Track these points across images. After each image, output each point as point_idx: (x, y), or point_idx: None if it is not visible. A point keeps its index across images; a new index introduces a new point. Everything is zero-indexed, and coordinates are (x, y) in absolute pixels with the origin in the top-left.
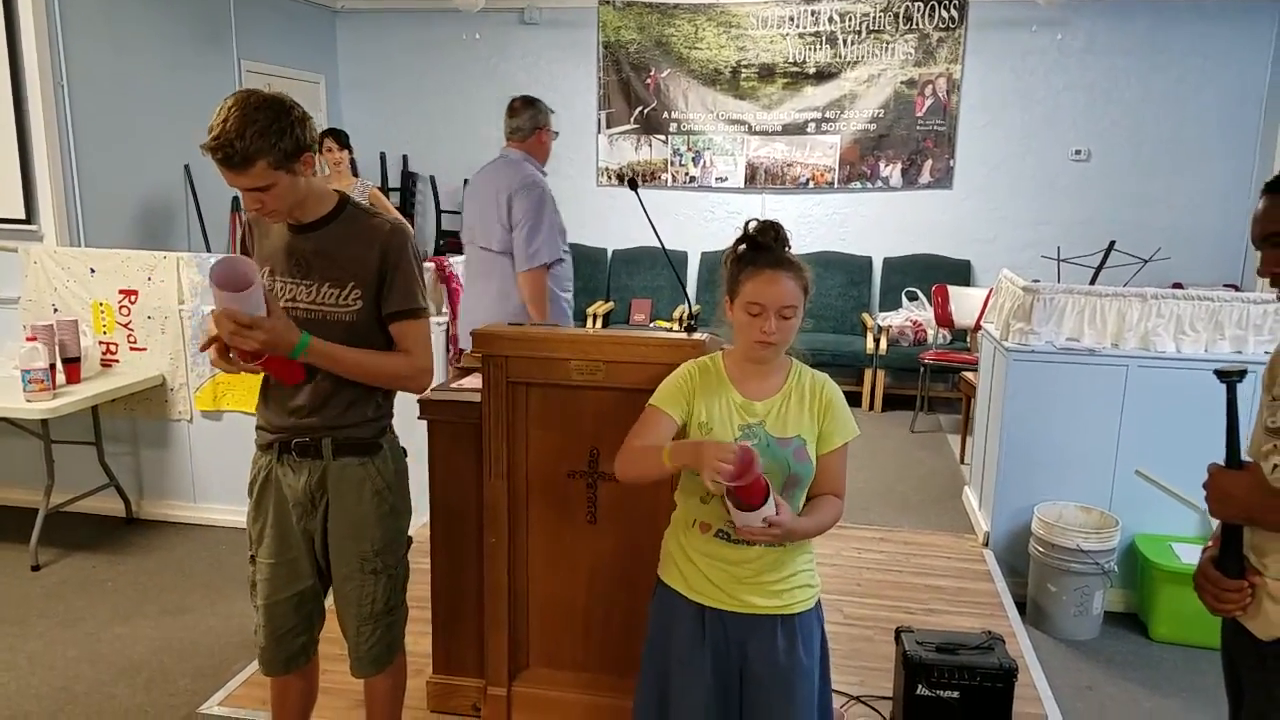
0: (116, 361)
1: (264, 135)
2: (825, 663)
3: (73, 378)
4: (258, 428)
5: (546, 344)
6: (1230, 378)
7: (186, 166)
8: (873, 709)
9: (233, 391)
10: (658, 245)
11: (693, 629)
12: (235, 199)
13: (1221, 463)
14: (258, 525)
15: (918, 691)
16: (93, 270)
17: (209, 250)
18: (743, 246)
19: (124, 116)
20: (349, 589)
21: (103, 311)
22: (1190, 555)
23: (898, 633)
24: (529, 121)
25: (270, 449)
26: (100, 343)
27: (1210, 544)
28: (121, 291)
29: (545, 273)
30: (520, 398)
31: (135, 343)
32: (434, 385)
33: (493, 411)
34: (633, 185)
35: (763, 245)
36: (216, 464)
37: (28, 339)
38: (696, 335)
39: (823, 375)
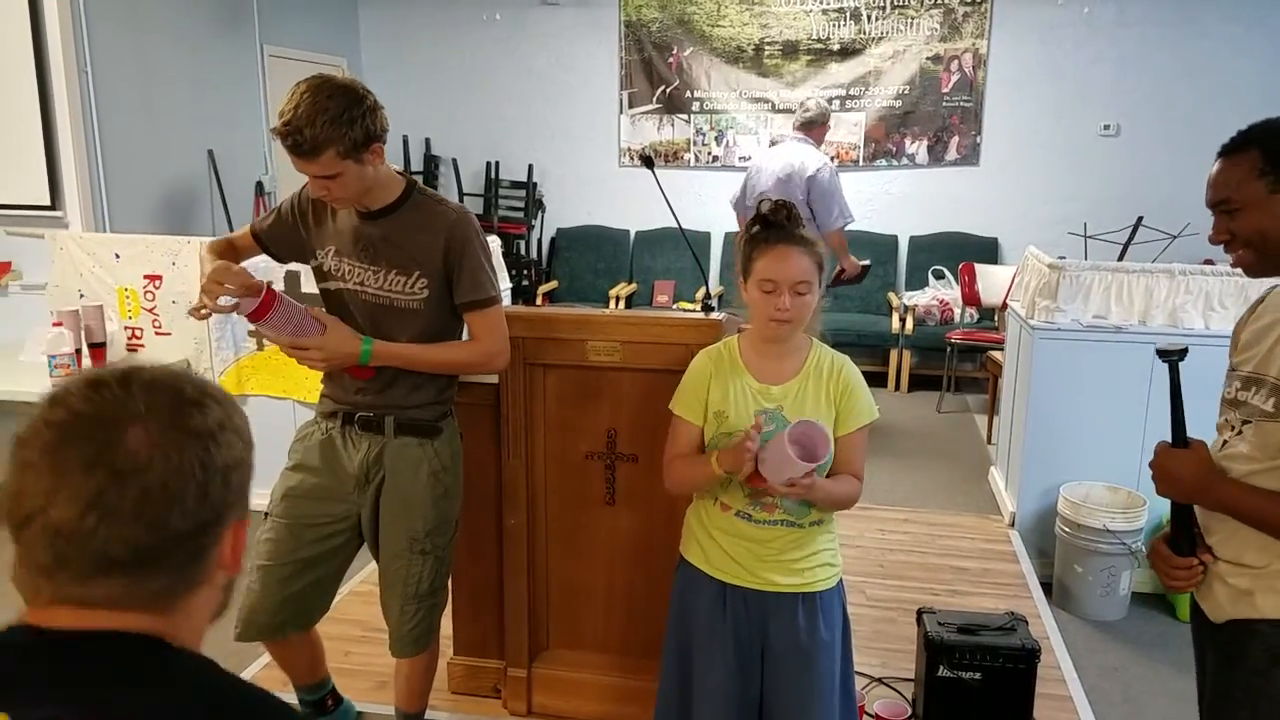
0: (142, 346)
1: (334, 124)
2: (847, 642)
3: (98, 363)
4: (322, 396)
5: (563, 325)
6: (1171, 356)
7: (210, 151)
8: (895, 690)
9: (257, 375)
10: (679, 226)
11: (714, 606)
12: (259, 183)
13: (1169, 441)
14: (287, 484)
15: (939, 673)
16: (118, 255)
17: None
18: (756, 227)
19: (148, 102)
20: (396, 567)
21: (128, 297)
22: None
23: (919, 614)
24: (819, 116)
25: (334, 417)
26: (125, 328)
27: (1168, 523)
28: (146, 277)
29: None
30: (538, 379)
31: (160, 327)
32: None
33: (511, 393)
34: (649, 164)
35: (775, 224)
36: None
37: (54, 324)
38: (714, 315)
39: (842, 357)
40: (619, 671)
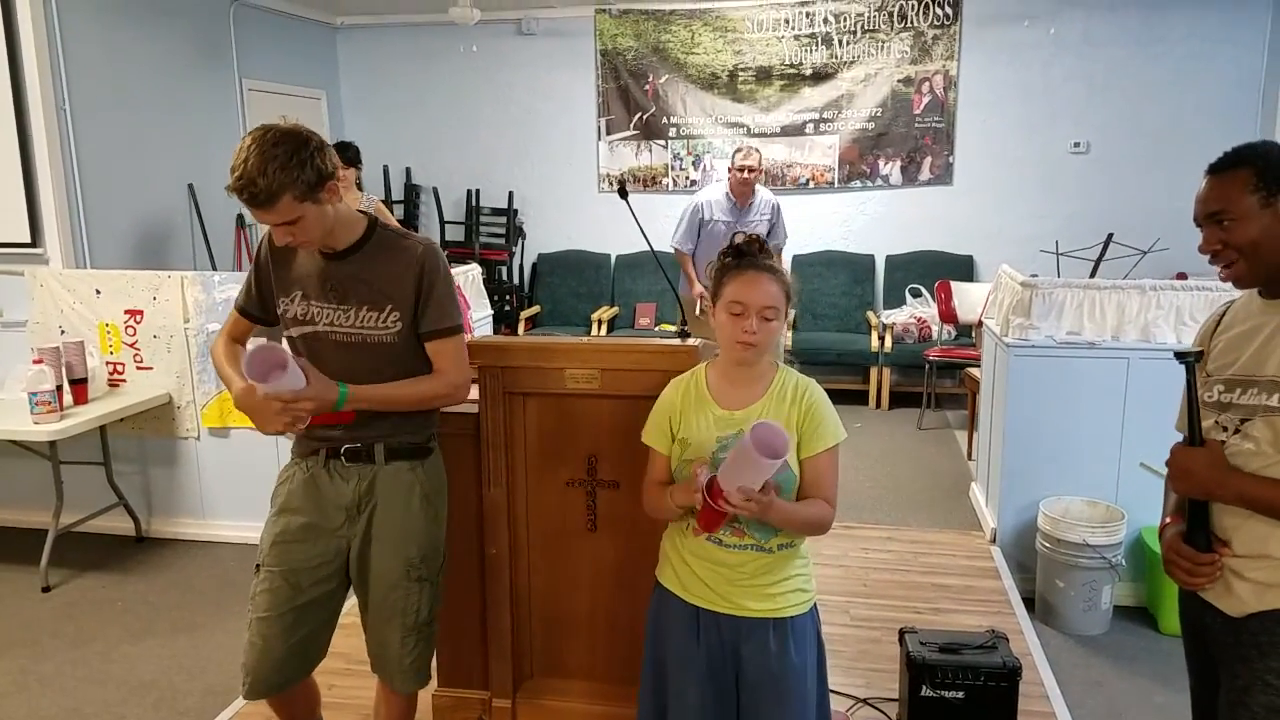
0: (123, 381)
1: (285, 169)
2: (822, 666)
3: (80, 399)
4: (299, 437)
5: (543, 354)
6: (1188, 358)
7: (190, 185)
8: (879, 710)
9: None
10: (659, 250)
11: (688, 630)
12: (240, 216)
13: (1183, 443)
14: (274, 530)
15: (922, 693)
16: (98, 291)
17: (214, 268)
18: (729, 256)
19: (127, 137)
20: (394, 598)
21: (109, 332)
22: None
23: (901, 634)
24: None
25: (315, 455)
26: (107, 363)
27: (1168, 520)
28: (127, 312)
29: None
30: (518, 408)
31: (141, 362)
32: None
33: (491, 422)
34: (622, 194)
35: (747, 254)
36: (224, 481)
37: (34, 361)
38: (690, 341)
39: (808, 380)
40: (603, 699)
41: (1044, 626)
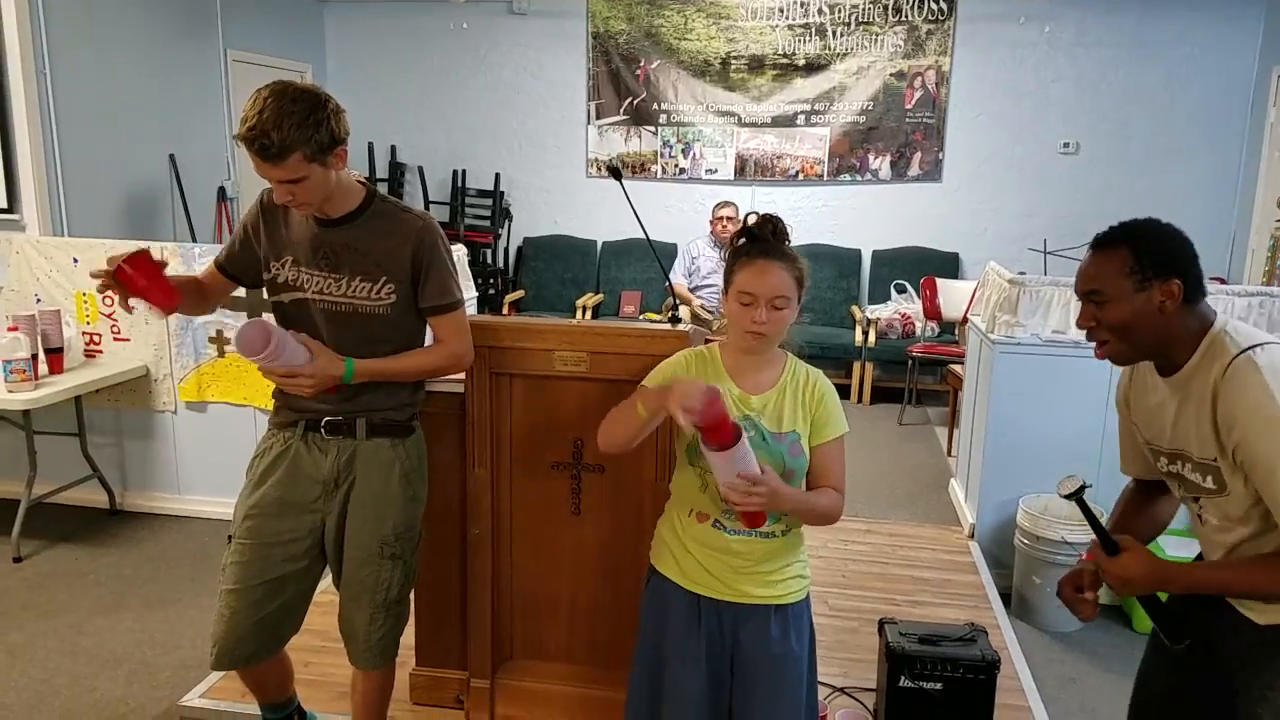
0: (100, 352)
1: (301, 127)
2: (813, 653)
3: (55, 368)
4: (278, 407)
5: (530, 335)
6: (1073, 496)
7: (171, 156)
8: (857, 700)
9: (218, 382)
10: (647, 238)
11: (688, 619)
12: (221, 189)
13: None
14: (249, 502)
15: (901, 683)
16: (76, 260)
17: (194, 240)
18: (741, 240)
19: (108, 106)
20: (365, 575)
21: (86, 302)
22: (1173, 547)
23: (881, 624)
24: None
25: (294, 426)
26: (84, 333)
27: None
28: None
29: None
30: (505, 388)
31: (119, 333)
32: None
33: (476, 403)
34: (616, 174)
35: (759, 238)
36: (200, 455)
37: (9, 329)
38: (681, 327)
39: (816, 371)
40: (583, 682)
41: (1019, 622)
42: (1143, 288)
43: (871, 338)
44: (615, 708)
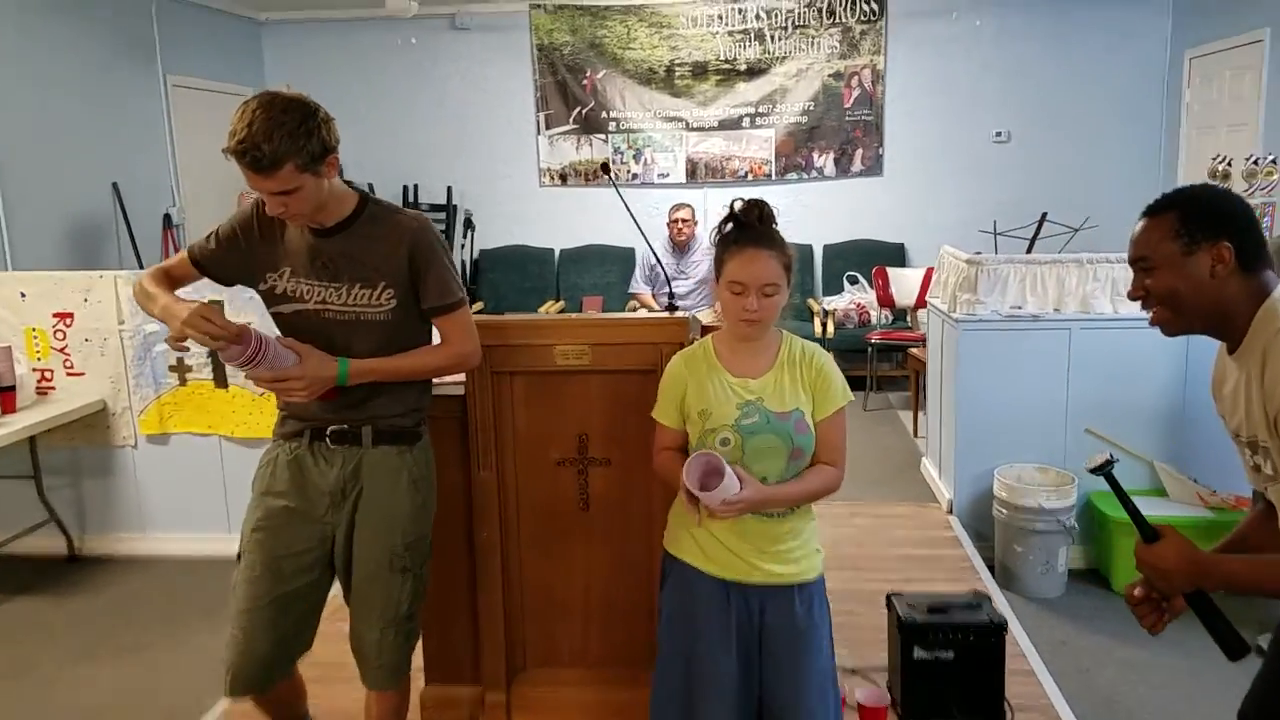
0: (52, 389)
1: (292, 137)
2: (830, 628)
3: (7, 408)
4: (283, 418)
5: (529, 331)
6: (1101, 470)
7: (115, 184)
8: (871, 680)
9: (180, 412)
10: (603, 243)
11: (718, 603)
12: (167, 215)
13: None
14: (255, 516)
15: (915, 655)
16: (23, 294)
17: (141, 267)
18: (729, 226)
19: (48, 136)
20: (374, 590)
21: (36, 337)
22: (1146, 507)
23: (889, 598)
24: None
25: (299, 436)
26: (35, 370)
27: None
28: (56, 315)
29: None
30: (505, 387)
31: (72, 368)
32: None
33: (478, 403)
34: (605, 169)
35: (746, 224)
36: (164, 490)
37: None
38: (679, 314)
39: (813, 344)
40: (600, 684)
41: (1005, 591)
42: (1190, 250)
43: (830, 328)
44: (635, 706)
